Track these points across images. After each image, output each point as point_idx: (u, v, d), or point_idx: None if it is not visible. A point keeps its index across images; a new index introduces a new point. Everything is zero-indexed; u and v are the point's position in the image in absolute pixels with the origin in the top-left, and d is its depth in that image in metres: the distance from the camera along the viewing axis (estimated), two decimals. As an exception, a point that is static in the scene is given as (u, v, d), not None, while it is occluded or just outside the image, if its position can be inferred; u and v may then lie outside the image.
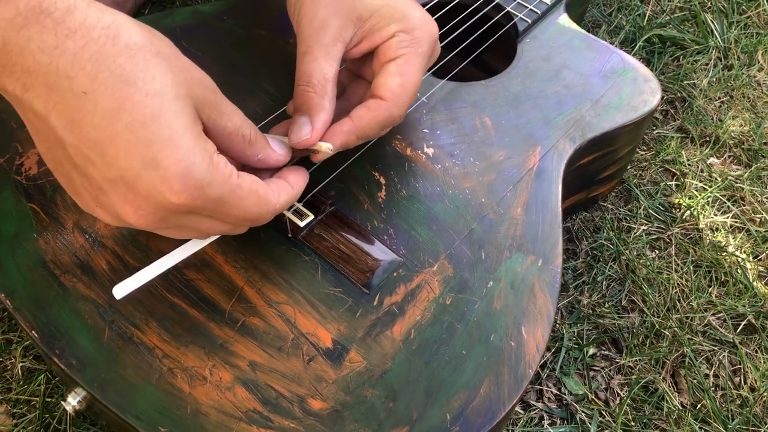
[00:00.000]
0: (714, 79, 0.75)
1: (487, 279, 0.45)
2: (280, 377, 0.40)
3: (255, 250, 0.45)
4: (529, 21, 0.59)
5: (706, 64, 0.76)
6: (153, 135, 0.34)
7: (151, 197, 0.35)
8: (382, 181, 0.49)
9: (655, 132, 0.70)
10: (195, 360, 0.41)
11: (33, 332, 0.43)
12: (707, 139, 0.70)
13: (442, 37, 0.58)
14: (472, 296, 0.44)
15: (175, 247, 0.45)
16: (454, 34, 0.59)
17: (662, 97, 0.73)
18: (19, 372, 0.55)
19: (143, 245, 0.45)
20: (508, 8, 0.60)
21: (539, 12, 0.60)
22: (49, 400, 0.53)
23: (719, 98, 0.73)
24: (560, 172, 0.51)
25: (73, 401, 0.44)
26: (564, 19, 0.62)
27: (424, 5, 0.60)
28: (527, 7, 0.60)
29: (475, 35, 0.60)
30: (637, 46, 0.76)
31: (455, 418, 0.39)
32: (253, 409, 0.39)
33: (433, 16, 0.59)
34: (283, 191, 0.41)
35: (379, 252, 0.45)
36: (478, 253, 0.46)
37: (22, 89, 0.34)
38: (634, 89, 0.57)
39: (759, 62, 0.77)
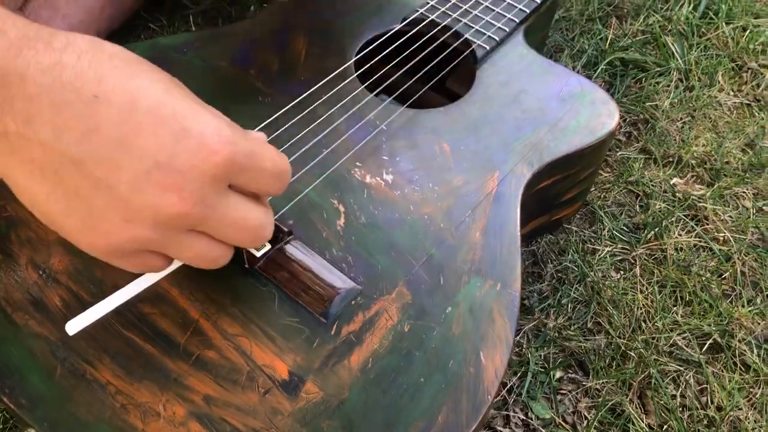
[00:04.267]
0: (676, 100, 0.76)
1: (445, 305, 0.45)
2: (235, 411, 0.40)
3: (211, 281, 0.45)
4: (487, 48, 0.60)
5: (668, 86, 0.77)
6: (174, 109, 0.34)
7: (193, 168, 0.34)
8: (341, 208, 0.49)
9: (618, 154, 0.71)
10: (148, 395, 0.40)
11: (-18, 371, 0.42)
12: (670, 159, 0.71)
13: (403, 64, 0.59)
14: (431, 323, 0.44)
15: (130, 281, 0.44)
16: (414, 60, 0.60)
17: (621, 119, 0.74)
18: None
19: (98, 280, 0.45)
20: (467, 35, 0.61)
21: (497, 39, 0.61)
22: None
23: (681, 119, 0.74)
24: (518, 196, 0.51)
25: (31, 440, 0.43)
26: (523, 45, 0.62)
27: (382, 34, 0.61)
28: (485, 34, 0.61)
29: (434, 62, 0.60)
30: (599, 70, 0.77)
31: (413, 448, 0.39)
32: (207, 445, 0.39)
33: (393, 43, 0.60)
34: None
35: (337, 281, 0.45)
36: (436, 278, 0.46)
37: (25, 123, 0.33)
38: (591, 112, 0.57)
39: (719, 83, 0.78)
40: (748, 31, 0.83)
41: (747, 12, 0.85)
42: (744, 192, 0.68)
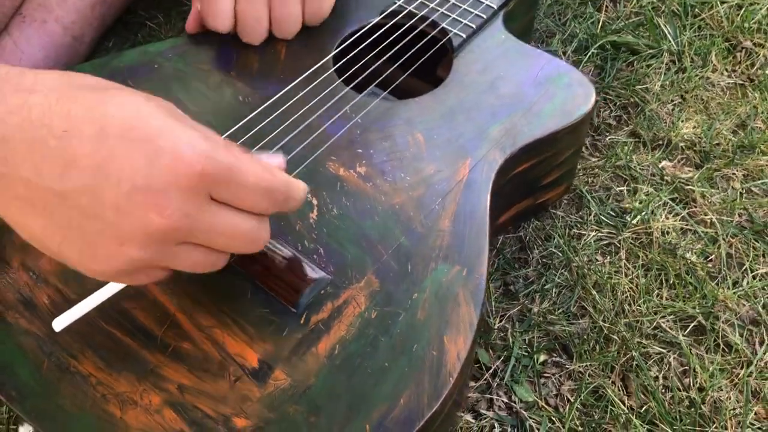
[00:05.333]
0: (667, 83, 0.75)
1: (412, 291, 0.46)
2: (206, 398, 0.42)
3: (187, 277, 0.46)
4: (464, 36, 0.61)
5: (659, 68, 0.77)
6: (146, 131, 0.35)
7: (170, 185, 0.35)
8: (314, 201, 0.51)
9: (608, 138, 0.71)
10: (127, 386, 0.42)
11: (-25, 367, 0.44)
12: (659, 142, 0.71)
13: (381, 55, 0.60)
14: (397, 309, 0.45)
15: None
16: (391, 52, 0.61)
17: (611, 104, 0.74)
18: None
19: (83, 279, 0.47)
20: (443, 24, 0.62)
21: (474, 26, 0.61)
22: (13, 427, 0.54)
23: (672, 101, 0.74)
24: (489, 183, 0.52)
25: (25, 430, 0.46)
26: (501, 31, 0.63)
27: (360, 28, 0.62)
28: (462, 22, 0.62)
29: (411, 52, 0.61)
30: (589, 54, 0.77)
31: (374, 429, 0.40)
32: (180, 430, 0.40)
33: (371, 35, 0.61)
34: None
35: (308, 272, 0.47)
36: (405, 266, 0.47)
37: (3, 164, 0.35)
38: (567, 95, 0.57)
39: (712, 63, 0.78)
40: (743, 10, 0.82)
41: (743, -10, 0.84)
42: (734, 173, 0.68)
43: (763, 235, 0.64)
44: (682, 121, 0.72)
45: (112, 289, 0.46)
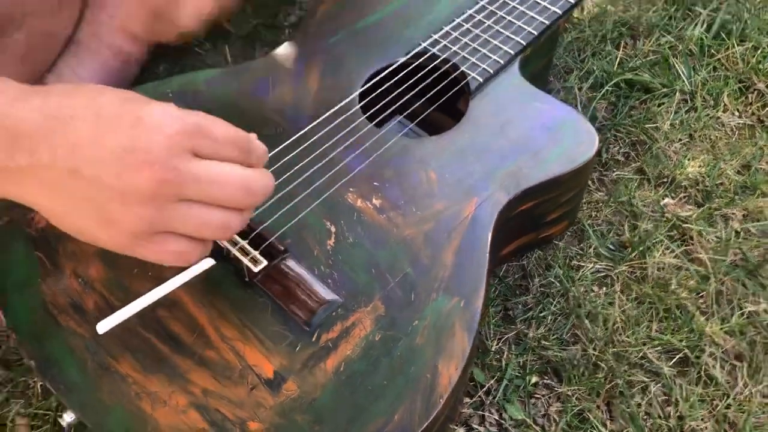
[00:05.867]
0: (677, 122, 0.79)
1: (414, 318, 0.51)
2: (226, 402, 0.48)
3: (217, 292, 0.53)
4: (481, 80, 0.66)
5: (670, 107, 0.80)
6: (129, 107, 0.44)
7: (152, 143, 0.42)
8: (333, 229, 0.56)
9: (614, 174, 0.76)
10: (158, 386, 0.49)
11: (31, 361, 0.51)
12: (664, 180, 0.75)
13: (405, 92, 0.65)
14: (399, 333, 0.51)
15: (152, 289, 0.53)
16: (413, 92, 0.66)
17: (620, 141, 0.78)
18: (39, 390, 0.64)
19: (126, 287, 0.54)
20: (463, 68, 0.67)
21: (491, 71, 0.66)
22: (59, 414, 0.61)
23: (680, 140, 0.78)
24: (492, 221, 0.57)
25: (68, 418, 0.53)
26: (516, 76, 0.67)
27: (386, 67, 0.67)
28: (481, 67, 0.67)
29: (432, 92, 0.67)
30: (604, 91, 0.82)
31: (370, 441, 0.46)
32: (202, 429, 0.47)
33: (396, 75, 0.66)
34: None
35: (322, 294, 0.53)
36: (409, 294, 0.53)
37: (28, 156, 0.42)
38: (572, 141, 0.62)
39: (724, 103, 0.81)
40: (759, 51, 0.85)
41: (762, 31, 0.87)
42: (733, 213, 0.72)
43: (756, 275, 0.68)
44: (689, 160, 0.76)
45: (151, 297, 0.53)
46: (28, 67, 0.70)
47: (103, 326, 0.52)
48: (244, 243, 0.54)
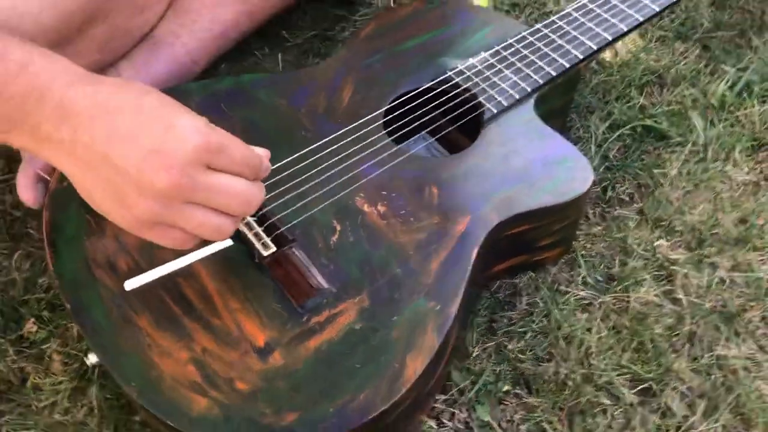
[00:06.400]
0: (685, 171, 0.84)
1: (393, 314, 0.58)
2: (221, 362, 0.56)
3: (230, 269, 0.61)
4: (495, 111, 0.72)
5: (680, 156, 0.85)
6: (166, 111, 0.51)
7: (177, 150, 0.49)
8: (338, 227, 0.64)
9: (616, 212, 0.81)
10: (167, 341, 0.57)
11: (68, 305, 0.60)
12: (662, 223, 0.79)
13: (425, 114, 0.72)
14: (378, 325, 0.58)
15: (177, 257, 0.61)
16: (433, 114, 0.73)
17: (627, 181, 0.83)
18: (75, 334, 0.73)
19: (153, 255, 0.62)
20: (480, 98, 0.73)
21: (506, 104, 0.73)
22: (84, 356, 0.70)
23: (684, 187, 0.82)
24: (480, 239, 0.63)
25: (93, 359, 0.62)
26: (529, 111, 0.74)
27: (412, 90, 0.74)
28: (497, 99, 0.73)
29: (449, 117, 0.73)
30: (619, 132, 0.87)
31: (336, 411, 0.53)
32: (196, 381, 0.55)
33: (421, 97, 0.73)
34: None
35: (318, 282, 0.60)
36: (393, 293, 0.60)
37: (72, 132, 0.50)
38: (567, 176, 0.68)
39: (734, 159, 0.85)
40: (778, 113, 0.89)
41: (785, 94, 0.91)
42: (722, 262, 0.76)
43: (732, 323, 0.72)
44: (689, 207, 0.81)
45: (173, 265, 0.61)
46: (104, 56, 0.80)
47: (130, 284, 0.60)
48: (259, 229, 0.62)
